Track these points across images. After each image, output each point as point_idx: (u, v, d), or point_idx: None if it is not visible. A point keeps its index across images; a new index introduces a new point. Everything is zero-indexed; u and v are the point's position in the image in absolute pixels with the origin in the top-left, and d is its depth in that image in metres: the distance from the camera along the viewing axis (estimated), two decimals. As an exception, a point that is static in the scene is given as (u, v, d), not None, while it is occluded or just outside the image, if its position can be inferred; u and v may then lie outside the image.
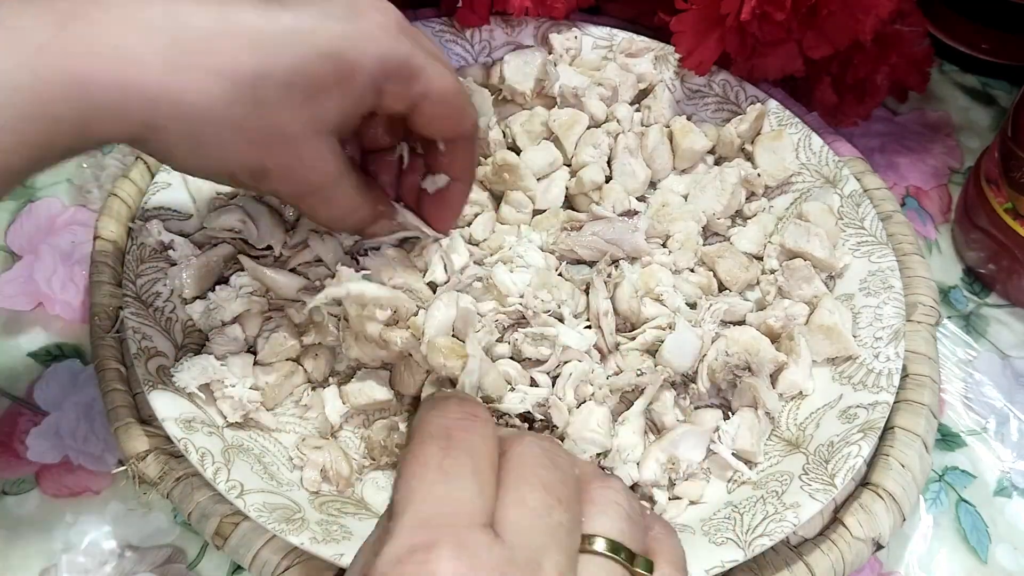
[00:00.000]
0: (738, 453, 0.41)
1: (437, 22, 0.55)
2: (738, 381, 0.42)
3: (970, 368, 0.50)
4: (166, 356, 0.41)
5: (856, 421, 0.40)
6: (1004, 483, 0.46)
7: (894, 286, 0.45)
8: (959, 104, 0.62)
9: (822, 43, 0.49)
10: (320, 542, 0.35)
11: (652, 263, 0.46)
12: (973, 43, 0.62)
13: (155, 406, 0.39)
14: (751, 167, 0.50)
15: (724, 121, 0.52)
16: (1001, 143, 0.49)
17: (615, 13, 0.58)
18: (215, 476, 0.37)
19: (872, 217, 0.47)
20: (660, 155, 0.50)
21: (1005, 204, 0.49)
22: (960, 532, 0.44)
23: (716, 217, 0.49)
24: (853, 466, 0.38)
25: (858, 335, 0.44)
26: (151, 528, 0.42)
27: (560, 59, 0.54)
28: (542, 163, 0.49)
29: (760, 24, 0.46)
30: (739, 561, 0.36)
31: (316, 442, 0.41)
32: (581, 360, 0.42)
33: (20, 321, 0.49)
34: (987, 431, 0.47)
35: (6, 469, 0.44)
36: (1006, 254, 0.50)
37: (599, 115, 0.51)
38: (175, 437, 0.38)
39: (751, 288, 0.48)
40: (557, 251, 0.46)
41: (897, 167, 0.58)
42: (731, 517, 0.38)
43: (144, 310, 0.42)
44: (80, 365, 0.47)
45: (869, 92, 0.55)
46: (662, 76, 0.54)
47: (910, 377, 0.43)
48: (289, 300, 0.43)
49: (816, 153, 0.50)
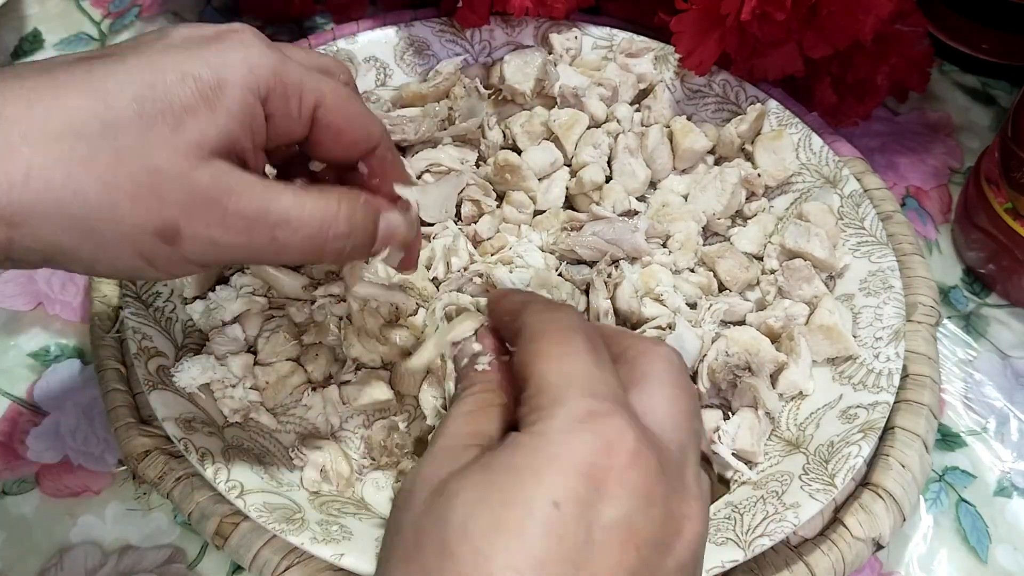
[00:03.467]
0: (738, 453, 0.41)
1: (437, 22, 0.55)
2: (738, 381, 0.42)
3: (970, 368, 0.50)
4: (166, 356, 0.41)
5: (856, 421, 0.40)
6: (1004, 483, 0.46)
7: (894, 286, 0.45)
8: (959, 104, 0.62)
9: (822, 43, 0.49)
10: (320, 542, 0.35)
11: (652, 263, 0.46)
12: (973, 43, 0.61)
13: (155, 406, 0.39)
14: (751, 167, 0.50)
15: (724, 121, 0.52)
16: (1001, 143, 0.49)
17: (615, 13, 0.58)
18: (215, 476, 0.37)
19: (872, 217, 0.47)
20: (660, 155, 0.50)
21: (1005, 204, 0.49)
22: (960, 532, 0.44)
23: (716, 217, 0.49)
24: (853, 466, 0.38)
25: (858, 335, 0.44)
26: (151, 528, 0.42)
27: (560, 59, 0.54)
28: (543, 163, 0.50)
29: (760, 24, 0.46)
30: (739, 561, 0.36)
31: (316, 442, 0.41)
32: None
33: (20, 321, 0.49)
34: (987, 431, 0.47)
35: (6, 469, 0.44)
36: (1006, 254, 0.50)
37: (599, 115, 0.51)
38: (175, 437, 0.38)
39: (751, 288, 0.48)
40: (557, 251, 0.46)
41: (897, 167, 0.58)
42: (731, 517, 0.38)
43: (144, 310, 0.42)
44: (80, 365, 0.47)
45: (869, 92, 0.55)
46: (662, 76, 0.54)
47: (910, 377, 0.43)
48: (291, 299, 0.43)
49: (816, 153, 0.50)
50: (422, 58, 0.54)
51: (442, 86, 0.51)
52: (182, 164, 0.27)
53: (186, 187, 0.27)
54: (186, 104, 0.27)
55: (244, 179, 0.29)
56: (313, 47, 0.53)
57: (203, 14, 0.64)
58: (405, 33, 0.54)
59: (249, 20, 0.64)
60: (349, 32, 0.54)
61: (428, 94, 0.51)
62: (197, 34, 0.29)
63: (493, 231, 0.47)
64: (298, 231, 0.30)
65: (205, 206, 0.28)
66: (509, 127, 0.51)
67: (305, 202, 0.30)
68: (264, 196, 0.29)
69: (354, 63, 0.53)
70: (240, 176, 0.29)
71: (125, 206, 0.27)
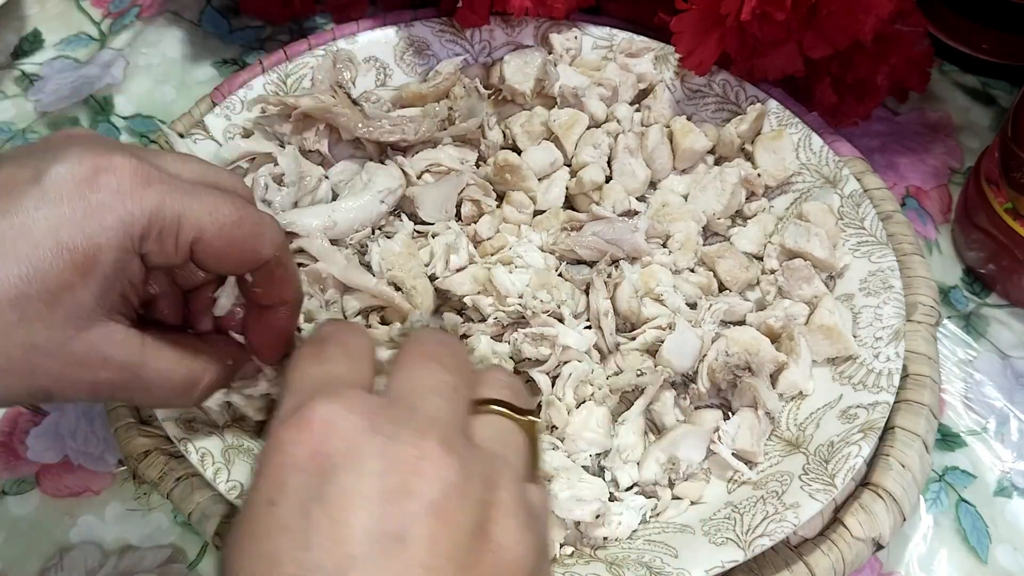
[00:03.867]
0: (738, 453, 0.41)
1: (437, 22, 0.55)
2: (738, 381, 0.42)
3: (970, 368, 0.50)
4: (166, 356, 0.41)
5: (856, 421, 0.40)
6: (1004, 483, 0.46)
7: (894, 286, 0.45)
8: (959, 104, 0.62)
9: (822, 43, 0.49)
10: (320, 542, 0.35)
11: (652, 263, 0.46)
12: (973, 43, 0.61)
13: (155, 406, 0.39)
14: (751, 167, 0.50)
15: (724, 121, 0.52)
16: (1001, 143, 0.49)
17: (615, 13, 0.58)
18: (215, 476, 0.37)
19: (872, 217, 0.47)
20: (660, 155, 0.50)
21: (1005, 204, 0.49)
22: (960, 532, 0.44)
23: (716, 217, 0.49)
24: (853, 466, 0.38)
25: (858, 335, 0.44)
26: (151, 528, 0.42)
27: (560, 59, 0.54)
28: (543, 163, 0.50)
29: (760, 24, 0.46)
30: (739, 561, 0.36)
31: None
32: (581, 360, 0.42)
33: (20, 321, 0.48)
34: (987, 431, 0.47)
35: (6, 469, 0.44)
36: (1006, 254, 0.50)
37: (599, 115, 0.51)
38: (175, 437, 0.38)
39: (751, 288, 0.48)
40: (557, 251, 0.46)
41: (897, 167, 0.58)
42: (731, 517, 0.38)
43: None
44: (80, 365, 0.47)
45: (869, 92, 0.55)
46: (662, 76, 0.54)
47: (910, 377, 0.43)
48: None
49: (816, 153, 0.50)
50: (422, 58, 0.54)
51: (442, 86, 0.51)
52: (58, 338, 0.29)
53: (60, 359, 0.29)
54: (61, 281, 0.28)
55: (118, 345, 0.30)
56: (313, 47, 0.53)
57: (203, 14, 0.64)
58: (405, 33, 0.54)
59: (249, 20, 0.64)
60: (349, 32, 0.54)
61: (428, 94, 0.51)
62: (70, 178, 0.28)
63: (493, 231, 0.47)
64: (164, 391, 0.32)
65: (78, 374, 0.30)
66: (509, 127, 0.51)
67: (175, 370, 0.32)
68: (136, 362, 0.31)
69: (354, 63, 0.53)
70: (115, 342, 0.30)
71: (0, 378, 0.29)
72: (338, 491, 0.23)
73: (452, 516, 0.23)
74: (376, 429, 0.24)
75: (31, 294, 0.28)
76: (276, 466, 0.24)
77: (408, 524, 0.22)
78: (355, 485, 0.23)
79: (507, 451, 0.26)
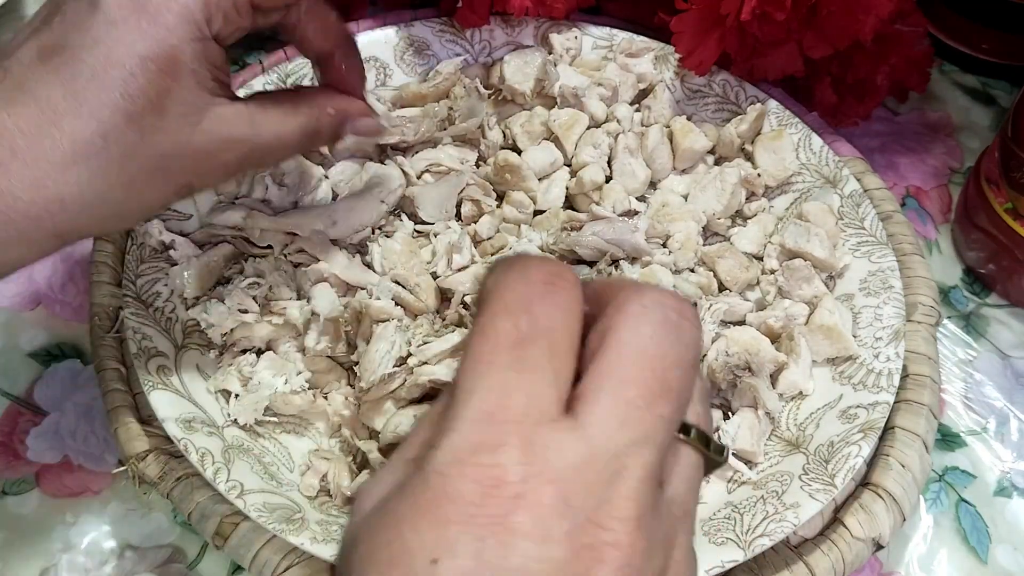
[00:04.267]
0: (738, 453, 0.41)
1: (437, 22, 0.55)
2: (738, 381, 0.42)
3: (970, 368, 0.50)
4: (166, 356, 0.41)
5: (856, 421, 0.40)
6: (1004, 483, 0.46)
7: (894, 286, 0.45)
8: (959, 104, 0.62)
9: (822, 43, 0.49)
10: (320, 542, 0.35)
11: (652, 263, 0.46)
12: (973, 43, 0.61)
13: (155, 406, 0.39)
14: (751, 167, 0.50)
15: (724, 121, 0.52)
16: (1001, 143, 0.49)
17: (615, 13, 0.58)
18: (215, 476, 0.37)
19: (872, 217, 0.47)
20: (660, 155, 0.50)
21: (1005, 204, 0.49)
22: (960, 532, 0.44)
23: (716, 217, 0.49)
24: (853, 466, 0.38)
25: (858, 335, 0.44)
26: (151, 528, 0.42)
27: (560, 59, 0.54)
28: (543, 163, 0.50)
29: (760, 24, 0.46)
30: (739, 561, 0.36)
31: (327, 454, 0.41)
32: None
33: (20, 321, 0.48)
34: (987, 431, 0.47)
35: (6, 469, 0.44)
36: (1006, 254, 0.50)
37: (599, 115, 0.51)
38: (175, 437, 0.38)
39: (751, 288, 0.48)
40: (557, 251, 0.46)
41: (897, 167, 0.58)
42: (731, 517, 0.38)
43: (144, 310, 0.42)
44: (80, 365, 0.47)
45: (869, 92, 0.55)
46: (662, 76, 0.54)
47: (910, 377, 0.43)
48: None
49: (816, 153, 0.50)
50: (422, 58, 0.54)
51: (442, 86, 0.51)
52: (179, 139, 0.32)
53: (188, 157, 0.33)
54: (159, 89, 0.31)
55: (230, 123, 0.33)
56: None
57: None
58: (405, 33, 0.54)
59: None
60: (349, 32, 0.54)
61: (428, 94, 0.51)
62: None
63: (493, 231, 0.47)
64: (287, 145, 0.36)
65: (207, 163, 0.33)
66: (509, 127, 0.51)
67: (287, 123, 0.35)
68: (250, 132, 0.34)
69: (354, 63, 0.53)
70: (227, 121, 0.33)
71: (146, 191, 0.32)
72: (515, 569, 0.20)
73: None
74: (568, 502, 0.20)
75: (139, 111, 0.31)
76: (442, 521, 0.20)
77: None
78: (527, 570, 0.20)
79: (691, 497, 0.23)
